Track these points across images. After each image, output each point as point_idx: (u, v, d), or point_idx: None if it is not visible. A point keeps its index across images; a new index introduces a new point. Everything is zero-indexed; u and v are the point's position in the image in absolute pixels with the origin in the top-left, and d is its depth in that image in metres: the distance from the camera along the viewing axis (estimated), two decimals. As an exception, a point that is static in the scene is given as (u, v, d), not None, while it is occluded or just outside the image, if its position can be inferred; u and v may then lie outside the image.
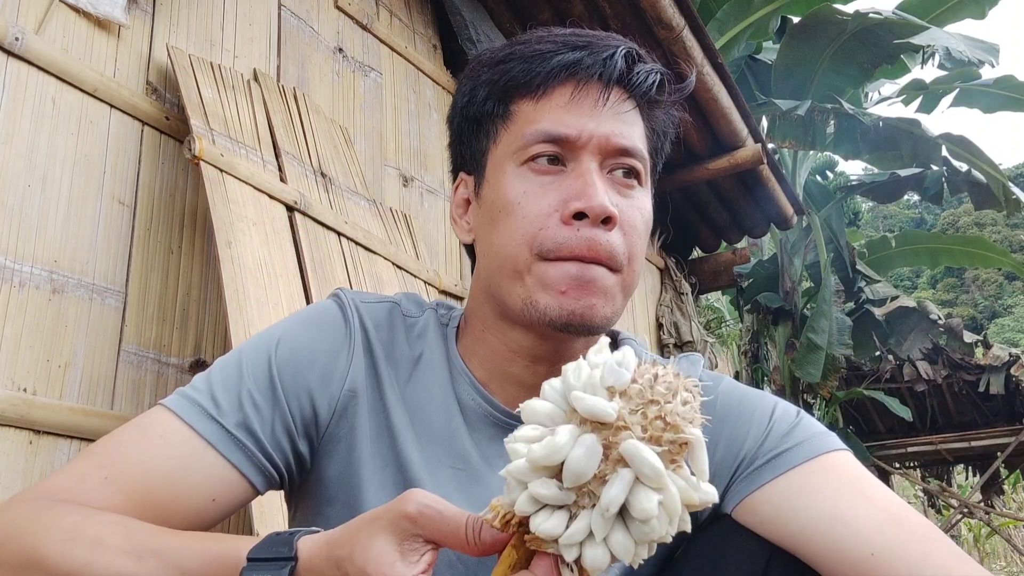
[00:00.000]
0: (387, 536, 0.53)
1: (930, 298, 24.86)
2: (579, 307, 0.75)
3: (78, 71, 1.64)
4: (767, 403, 0.84)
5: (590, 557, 0.47)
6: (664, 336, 4.26)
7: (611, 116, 0.79)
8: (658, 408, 0.46)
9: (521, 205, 0.78)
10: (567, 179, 0.78)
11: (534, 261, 0.76)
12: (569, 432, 0.47)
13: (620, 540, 0.47)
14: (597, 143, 0.78)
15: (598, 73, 0.78)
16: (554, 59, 0.78)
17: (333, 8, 2.49)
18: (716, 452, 0.82)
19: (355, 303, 0.86)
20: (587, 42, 0.80)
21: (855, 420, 8.43)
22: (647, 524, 0.46)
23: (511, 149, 0.80)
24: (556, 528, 0.47)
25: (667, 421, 0.46)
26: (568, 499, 0.47)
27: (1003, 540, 9.24)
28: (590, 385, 0.48)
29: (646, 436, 0.46)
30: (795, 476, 0.76)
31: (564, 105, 0.78)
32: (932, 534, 0.71)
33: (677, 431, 0.46)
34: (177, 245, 1.80)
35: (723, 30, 6.09)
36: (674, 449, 0.47)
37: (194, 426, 0.74)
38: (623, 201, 0.79)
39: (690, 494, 0.47)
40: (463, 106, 0.86)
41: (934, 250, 8.06)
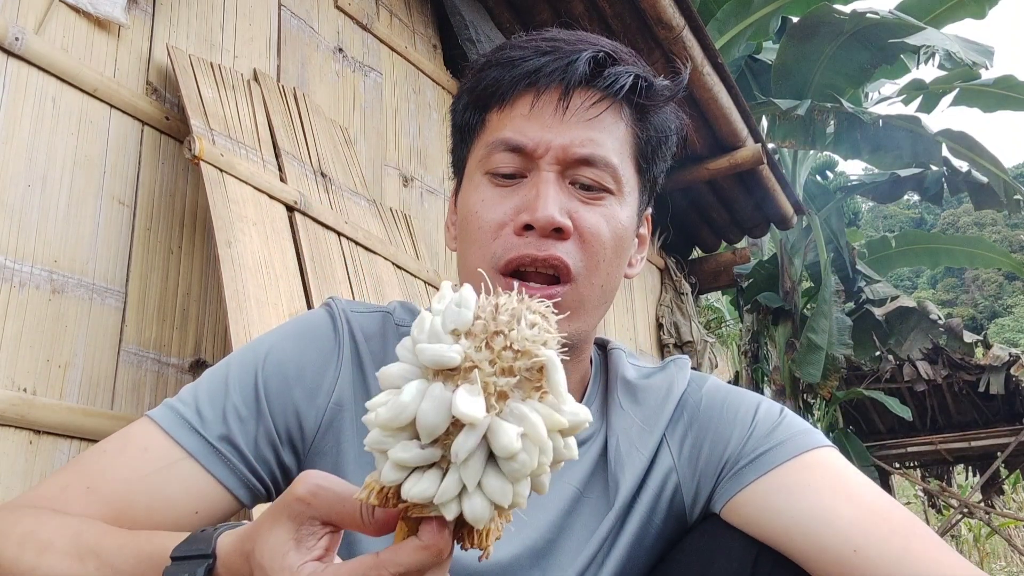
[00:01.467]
0: (284, 523, 0.50)
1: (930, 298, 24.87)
2: None
3: (78, 71, 1.64)
4: (751, 402, 0.84)
5: (469, 510, 0.44)
6: (664, 336, 4.26)
7: (577, 124, 0.76)
8: (503, 339, 0.44)
9: (479, 215, 0.78)
10: (523, 189, 0.77)
11: (492, 274, 0.75)
12: (415, 387, 0.44)
13: (495, 484, 0.44)
14: (555, 154, 0.76)
15: (558, 79, 0.75)
16: (519, 67, 0.76)
17: (333, 8, 2.49)
18: (702, 452, 0.83)
19: (346, 314, 0.84)
20: (554, 47, 0.77)
21: (855, 420, 8.42)
22: (515, 460, 0.43)
23: (478, 158, 0.80)
24: (428, 489, 0.44)
25: (516, 349, 0.44)
26: (434, 456, 0.45)
27: (1003, 540, 9.24)
28: (433, 334, 0.45)
29: (496, 370, 0.44)
30: (778, 475, 0.76)
31: (525, 114, 0.77)
32: (915, 529, 0.71)
33: (529, 357, 0.44)
34: (177, 245, 1.80)
35: (723, 30, 6.09)
36: (532, 376, 0.44)
37: (177, 438, 0.74)
38: (584, 209, 0.77)
39: (555, 418, 0.44)
40: (452, 113, 0.86)
41: (934, 250, 8.06)
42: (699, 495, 0.82)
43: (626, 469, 0.82)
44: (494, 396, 0.44)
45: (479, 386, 0.44)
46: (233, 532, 0.57)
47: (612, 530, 0.81)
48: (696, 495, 0.82)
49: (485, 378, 0.44)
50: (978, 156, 6.37)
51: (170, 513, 0.72)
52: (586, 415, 0.46)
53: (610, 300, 0.82)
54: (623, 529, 0.81)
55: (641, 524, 0.81)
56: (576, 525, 0.81)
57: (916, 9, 6.51)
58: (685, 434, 0.84)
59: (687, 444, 0.84)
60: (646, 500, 0.82)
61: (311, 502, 0.50)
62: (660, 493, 0.82)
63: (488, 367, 0.44)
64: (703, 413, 0.85)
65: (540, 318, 0.46)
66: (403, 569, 0.46)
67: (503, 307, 0.45)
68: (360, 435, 0.80)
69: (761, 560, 0.74)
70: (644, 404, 0.86)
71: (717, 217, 4.39)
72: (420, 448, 0.44)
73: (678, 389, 0.86)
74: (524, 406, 0.44)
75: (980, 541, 10.45)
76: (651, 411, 0.85)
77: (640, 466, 0.82)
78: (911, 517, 0.73)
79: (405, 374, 0.46)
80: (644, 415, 0.85)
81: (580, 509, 0.82)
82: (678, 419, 0.85)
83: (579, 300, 0.77)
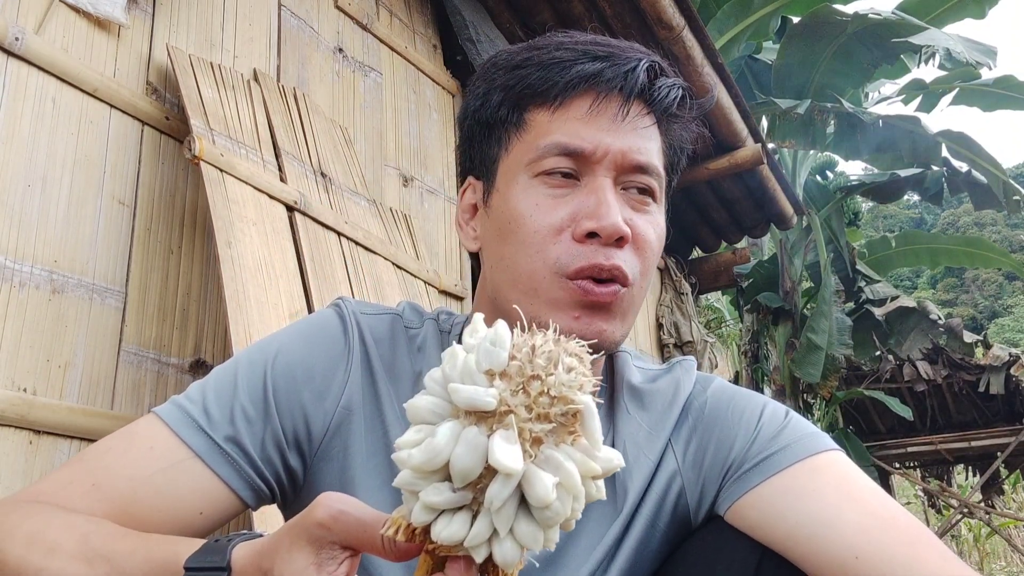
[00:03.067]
0: (303, 547, 0.50)
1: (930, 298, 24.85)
2: (589, 332, 0.74)
3: (78, 71, 1.64)
4: (756, 404, 0.83)
5: (499, 554, 0.44)
6: (664, 336, 4.26)
7: (629, 131, 0.76)
8: (540, 383, 0.43)
9: (533, 219, 0.76)
10: (580, 194, 0.75)
11: (552, 279, 0.74)
12: (449, 430, 0.44)
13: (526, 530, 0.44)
14: (613, 159, 0.75)
15: (619, 86, 0.75)
16: (573, 69, 0.75)
17: (333, 8, 2.48)
18: (706, 455, 0.82)
19: (356, 316, 0.84)
20: (608, 52, 0.76)
21: (855, 420, 8.42)
22: (550, 509, 0.43)
23: (524, 159, 0.78)
24: (458, 532, 0.44)
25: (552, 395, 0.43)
26: (465, 499, 0.44)
27: (1003, 540, 9.24)
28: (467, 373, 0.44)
29: (532, 416, 0.43)
30: (782, 479, 0.75)
31: (581, 118, 0.75)
32: (920, 536, 0.70)
33: (566, 402, 0.43)
34: (177, 245, 1.80)
35: (723, 30, 6.09)
36: (567, 421, 0.44)
37: (183, 438, 0.73)
38: (637, 218, 0.77)
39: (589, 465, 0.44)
40: (475, 109, 0.83)
41: (934, 250, 8.06)
42: (704, 498, 0.82)
43: (634, 475, 0.82)
44: (529, 442, 0.43)
45: (515, 432, 0.43)
46: (248, 545, 0.56)
47: (618, 535, 0.80)
48: (701, 498, 0.82)
49: (521, 423, 0.43)
50: (977, 157, 6.38)
51: (175, 512, 0.71)
52: (619, 460, 0.46)
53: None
54: (628, 533, 0.81)
55: (646, 528, 0.81)
56: (583, 532, 0.81)
57: (917, 9, 6.52)
58: (690, 437, 0.84)
59: (692, 447, 0.83)
60: (651, 504, 0.81)
61: (332, 527, 0.50)
62: (664, 496, 0.82)
63: (524, 412, 0.43)
64: (708, 415, 0.84)
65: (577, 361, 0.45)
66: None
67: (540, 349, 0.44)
68: (368, 439, 0.79)
69: (765, 564, 0.74)
70: (651, 409, 0.85)
71: (717, 217, 4.39)
72: (452, 492, 0.44)
73: (684, 392, 0.86)
74: (559, 453, 0.44)
75: (980, 541, 10.44)
76: (658, 415, 0.85)
77: (648, 471, 0.82)
78: (916, 524, 0.72)
79: (436, 409, 0.46)
80: (651, 420, 0.84)
81: (587, 516, 0.81)
82: (683, 422, 0.85)
83: (631, 303, 0.77)
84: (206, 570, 0.56)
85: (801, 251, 7.38)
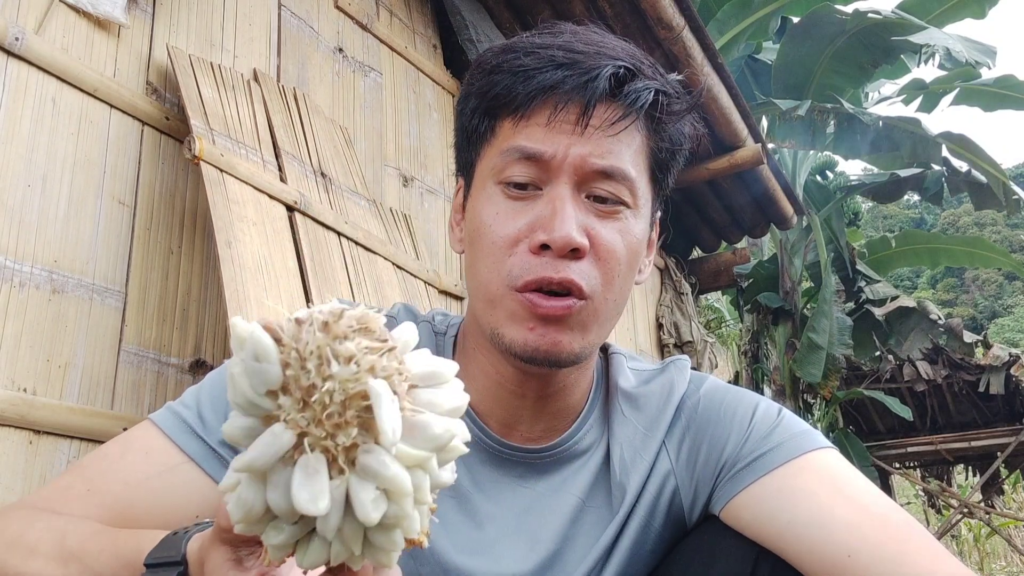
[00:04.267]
0: (219, 547, 0.50)
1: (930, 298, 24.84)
2: (544, 343, 0.73)
3: (78, 71, 1.64)
4: (748, 403, 0.83)
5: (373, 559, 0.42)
6: (664, 336, 4.26)
7: (596, 137, 0.74)
8: (319, 392, 0.38)
9: (492, 228, 0.75)
10: (539, 204, 0.74)
11: (506, 292, 0.74)
12: (247, 480, 0.39)
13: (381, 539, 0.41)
14: (572, 163, 0.74)
15: (578, 96, 0.73)
16: (535, 79, 0.74)
17: (333, 8, 2.48)
18: (699, 455, 0.82)
19: None
20: (573, 59, 0.74)
21: (855, 420, 8.42)
22: (386, 517, 0.39)
23: (490, 166, 0.77)
24: (319, 559, 0.41)
25: (338, 399, 0.38)
26: (309, 524, 0.41)
27: (1003, 540, 9.24)
28: (247, 402, 0.39)
29: (328, 429, 0.38)
30: (775, 478, 0.75)
31: (543, 125, 0.74)
32: (912, 533, 0.70)
33: (359, 399, 0.38)
34: (177, 245, 1.80)
35: (723, 30, 6.09)
36: (367, 416, 0.39)
37: (178, 442, 0.74)
38: (600, 226, 0.75)
39: (411, 455, 0.39)
40: (457, 115, 0.83)
41: (934, 250, 8.05)
42: (697, 498, 0.82)
43: (631, 476, 0.82)
44: (340, 456, 0.39)
45: (316, 455, 0.38)
46: (199, 537, 0.56)
47: (614, 536, 0.80)
48: (695, 498, 0.82)
49: (320, 443, 0.38)
50: (977, 158, 6.37)
51: (170, 516, 0.72)
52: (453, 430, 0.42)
53: (622, 311, 0.81)
54: (623, 534, 0.81)
55: (640, 528, 0.81)
56: (580, 535, 0.81)
57: (917, 9, 6.51)
58: (683, 437, 0.84)
59: (685, 447, 0.84)
60: (645, 504, 0.82)
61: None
62: (659, 497, 0.82)
63: (317, 430, 0.38)
64: (701, 415, 0.84)
65: (356, 338, 0.39)
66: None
67: (308, 347, 0.38)
68: None
69: (760, 563, 0.74)
70: (645, 410, 0.85)
71: (717, 217, 4.39)
72: (292, 525, 0.41)
73: (678, 393, 0.86)
74: (374, 457, 0.39)
75: (980, 541, 10.44)
76: (652, 417, 0.85)
77: (643, 472, 0.82)
78: (909, 521, 0.72)
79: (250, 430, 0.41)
80: (646, 421, 0.85)
81: (584, 519, 0.82)
82: (676, 422, 0.85)
83: (593, 315, 0.75)
84: (163, 565, 0.56)
85: (801, 251, 7.38)
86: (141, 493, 0.72)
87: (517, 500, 0.82)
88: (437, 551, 0.79)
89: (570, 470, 0.84)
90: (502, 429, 0.83)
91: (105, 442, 1.52)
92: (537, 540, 0.80)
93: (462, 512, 0.80)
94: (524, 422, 0.83)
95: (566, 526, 0.81)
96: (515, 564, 0.79)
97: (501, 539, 0.80)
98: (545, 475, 0.83)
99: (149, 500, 0.71)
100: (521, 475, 0.83)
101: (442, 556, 0.78)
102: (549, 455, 0.83)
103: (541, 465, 0.83)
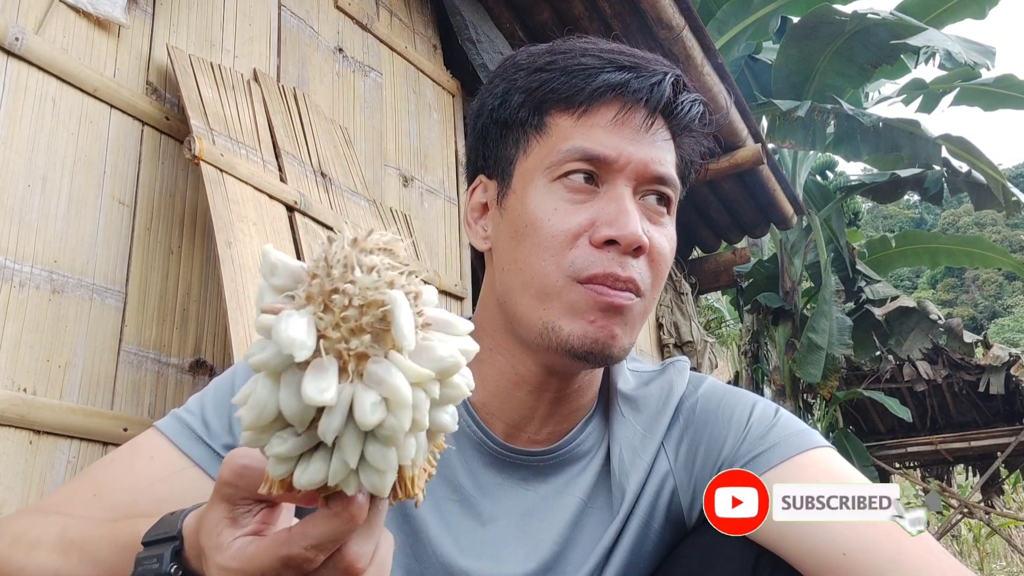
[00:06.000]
0: (217, 504, 0.49)
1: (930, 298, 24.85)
2: (603, 336, 0.74)
3: (78, 71, 1.64)
4: (746, 404, 0.84)
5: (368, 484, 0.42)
6: (664, 336, 4.26)
7: (651, 142, 0.77)
8: (342, 295, 0.40)
9: (551, 222, 0.75)
10: (599, 201, 0.75)
11: (566, 283, 0.74)
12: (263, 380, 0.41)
13: (376, 455, 0.41)
14: (635, 168, 0.75)
15: (645, 98, 0.75)
16: (599, 77, 0.75)
17: (333, 8, 2.48)
18: (698, 455, 0.83)
19: None
20: (634, 63, 0.77)
21: (855, 420, 8.42)
22: (382, 427, 0.40)
23: (543, 163, 0.77)
24: (316, 475, 0.42)
25: (358, 304, 0.39)
26: (314, 439, 0.42)
27: (1003, 540, 9.24)
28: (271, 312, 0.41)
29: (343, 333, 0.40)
30: (772, 478, 0.75)
31: (606, 126, 0.75)
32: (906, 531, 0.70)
33: (375, 307, 0.40)
34: (177, 245, 1.80)
35: (723, 30, 6.09)
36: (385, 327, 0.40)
37: (183, 448, 0.75)
38: (653, 229, 0.77)
39: (416, 371, 0.40)
40: (493, 108, 0.82)
41: (934, 250, 8.05)
42: (696, 498, 0.82)
43: (631, 477, 0.82)
44: (352, 362, 0.40)
45: (329, 358, 0.40)
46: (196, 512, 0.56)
47: (614, 537, 0.81)
48: (693, 498, 0.82)
49: (335, 346, 0.40)
50: (977, 160, 6.38)
51: None
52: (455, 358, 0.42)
53: None
54: (623, 535, 0.81)
55: (640, 529, 0.81)
56: (582, 536, 0.81)
57: (916, 9, 6.51)
58: (681, 437, 0.84)
59: (683, 447, 0.84)
60: (645, 505, 0.82)
61: (239, 484, 0.48)
62: (658, 497, 0.82)
63: (334, 332, 0.40)
64: (698, 416, 0.84)
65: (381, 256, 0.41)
66: (316, 541, 0.44)
67: (333, 258, 0.40)
68: None
69: (761, 563, 0.74)
70: (644, 411, 0.86)
71: (717, 217, 4.39)
72: (297, 436, 0.42)
73: (676, 394, 0.86)
74: (382, 366, 0.40)
75: (980, 541, 10.44)
76: (651, 418, 0.85)
77: (642, 473, 0.82)
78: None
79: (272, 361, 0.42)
80: (645, 422, 0.85)
81: (585, 520, 0.82)
82: (675, 423, 0.85)
83: (641, 313, 0.77)
84: (160, 542, 0.56)
85: (801, 251, 7.38)
86: (147, 498, 0.72)
87: (520, 503, 0.82)
88: (440, 553, 0.79)
89: (572, 472, 0.84)
90: (508, 432, 0.83)
91: (105, 442, 1.53)
92: (539, 542, 0.80)
93: (465, 514, 0.81)
94: (534, 423, 0.83)
95: (568, 528, 0.81)
96: (517, 566, 0.79)
97: (504, 541, 0.81)
98: (548, 478, 0.83)
99: (154, 504, 0.72)
100: (524, 478, 0.83)
101: (445, 558, 0.79)
102: (552, 458, 0.84)
103: (544, 468, 0.84)
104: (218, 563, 0.47)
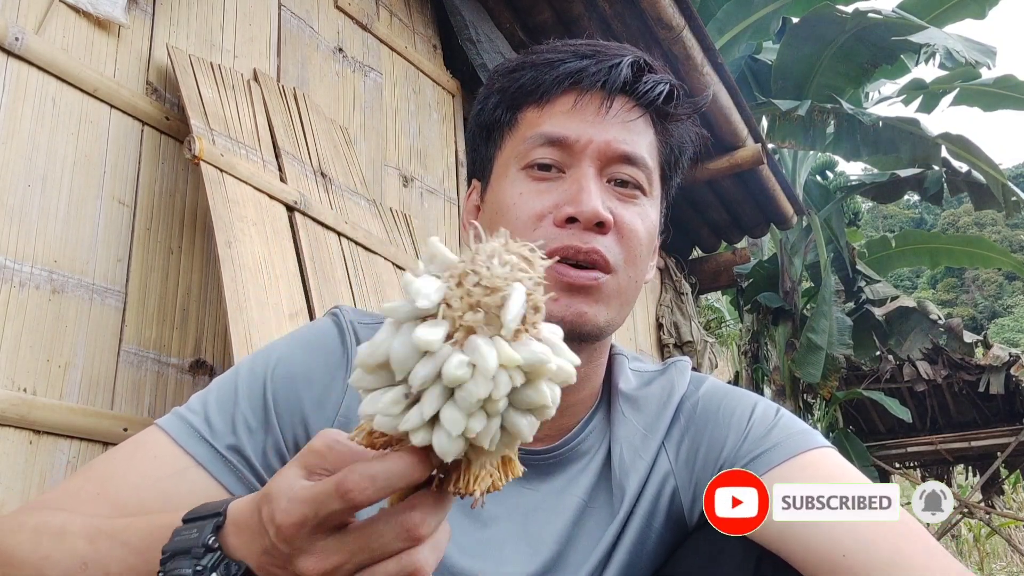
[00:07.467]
0: (295, 468, 0.51)
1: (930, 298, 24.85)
2: (568, 314, 0.75)
3: (78, 71, 1.64)
4: (747, 404, 0.84)
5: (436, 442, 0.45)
6: (664, 336, 4.26)
7: (615, 124, 0.79)
8: (474, 276, 0.45)
9: (516, 207, 0.78)
10: (563, 184, 0.78)
11: None
12: (387, 324, 0.47)
13: (449, 415, 0.45)
14: (596, 148, 0.78)
15: (601, 81, 0.78)
16: (560, 67, 0.79)
17: (333, 8, 2.48)
18: (698, 455, 0.83)
19: (353, 326, 0.84)
20: (595, 51, 0.80)
21: (855, 420, 8.42)
22: (462, 389, 0.44)
23: (513, 154, 0.81)
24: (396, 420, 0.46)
25: (484, 285, 0.45)
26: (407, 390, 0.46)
27: (1003, 540, 9.24)
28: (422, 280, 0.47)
29: (463, 306, 0.45)
30: (772, 478, 0.75)
31: (567, 111, 0.79)
32: (906, 531, 0.70)
33: (496, 291, 0.45)
34: (177, 245, 1.80)
35: (723, 30, 6.09)
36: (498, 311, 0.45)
37: (186, 447, 0.74)
38: (622, 207, 0.79)
39: (508, 353, 0.44)
40: (476, 114, 0.87)
41: (934, 250, 8.05)
42: (697, 498, 0.82)
43: (631, 477, 0.82)
44: (462, 331, 0.45)
45: (444, 320, 0.45)
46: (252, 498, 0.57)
47: (615, 537, 0.81)
48: (694, 498, 0.82)
49: (452, 313, 0.45)
50: (977, 159, 6.38)
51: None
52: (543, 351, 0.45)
53: (637, 295, 0.83)
54: (624, 534, 0.81)
55: (641, 529, 0.81)
56: (582, 535, 0.81)
57: (917, 9, 6.52)
58: (682, 437, 0.85)
59: (684, 447, 0.84)
60: (645, 504, 0.82)
61: (326, 455, 0.50)
62: (658, 497, 0.82)
63: (457, 303, 0.45)
64: (699, 416, 0.85)
65: (520, 259, 0.46)
66: (373, 472, 0.46)
67: (483, 250, 0.47)
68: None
69: (763, 563, 0.74)
70: (645, 411, 0.86)
71: (717, 217, 4.39)
72: (395, 387, 0.46)
73: (677, 394, 0.86)
74: (482, 340, 0.45)
75: (980, 541, 10.44)
76: (652, 417, 0.85)
77: (643, 473, 0.82)
78: (905, 519, 0.72)
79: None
80: (646, 422, 0.85)
81: (586, 519, 0.82)
82: (675, 423, 0.85)
83: (616, 290, 0.78)
84: (203, 518, 0.57)
85: (801, 251, 7.38)
86: (151, 496, 0.72)
87: (521, 502, 0.82)
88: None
89: (573, 471, 0.84)
90: None
91: (105, 442, 1.52)
92: (541, 542, 0.80)
93: (466, 515, 0.81)
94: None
95: (569, 527, 0.81)
96: (519, 566, 0.79)
97: (505, 541, 0.81)
98: (549, 477, 0.83)
99: (158, 503, 0.72)
100: (525, 477, 0.83)
101: (446, 558, 0.79)
102: (553, 457, 0.84)
103: (545, 467, 0.84)
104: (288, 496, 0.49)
